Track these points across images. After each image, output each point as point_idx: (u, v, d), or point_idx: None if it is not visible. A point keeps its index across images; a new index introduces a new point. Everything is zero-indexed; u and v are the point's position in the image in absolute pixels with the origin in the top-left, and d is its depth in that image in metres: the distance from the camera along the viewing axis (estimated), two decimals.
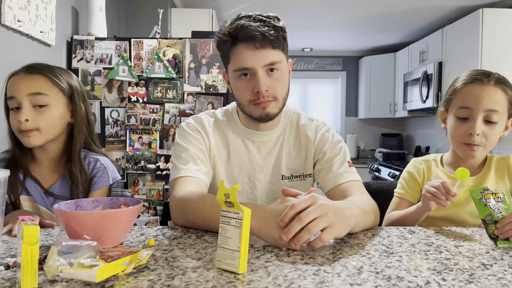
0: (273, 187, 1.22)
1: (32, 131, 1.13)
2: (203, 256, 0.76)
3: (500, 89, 1.12)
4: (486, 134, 1.13)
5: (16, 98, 1.12)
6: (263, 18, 1.07)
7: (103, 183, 1.24)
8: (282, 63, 1.10)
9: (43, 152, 1.22)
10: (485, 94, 1.12)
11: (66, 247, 0.68)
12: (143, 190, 2.36)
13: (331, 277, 0.66)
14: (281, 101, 1.13)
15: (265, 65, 1.07)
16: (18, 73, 1.17)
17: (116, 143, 2.37)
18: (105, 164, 1.26)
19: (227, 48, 1.10)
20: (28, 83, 1.13)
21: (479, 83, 1.14)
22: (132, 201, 0.93)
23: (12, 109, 1.14)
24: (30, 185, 1.20)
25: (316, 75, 5.60)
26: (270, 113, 1.12)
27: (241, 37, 1.05)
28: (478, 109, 1.12)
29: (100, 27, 2.46)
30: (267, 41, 1.05)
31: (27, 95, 1.12)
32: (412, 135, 5.24)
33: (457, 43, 3.56)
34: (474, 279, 0.65)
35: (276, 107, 1.13)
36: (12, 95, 1.13)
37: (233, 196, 0.69)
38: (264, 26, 1.05)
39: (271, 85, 1.09)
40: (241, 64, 1.07)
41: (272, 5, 3.57)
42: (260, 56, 1.06)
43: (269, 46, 1.06)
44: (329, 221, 0.78)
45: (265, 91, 1.08)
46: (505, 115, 1.14)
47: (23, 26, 1.81)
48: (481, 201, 0.90)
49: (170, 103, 2.37)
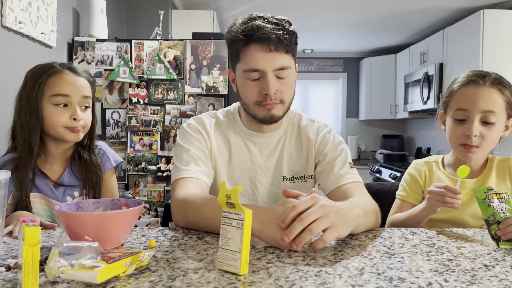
0: (274, 188, 1.21)
1: (80, 128, 1.22)
2: (204, 257, 0.76)
3: (496, 89, 1.12)
4: (483, 135, 1.12)
5: (70, 97, 1.20)
6: (276, 21, 1.07)
7: (106, 166, 1.31)
8: (291, 68, 1.10)
9: (58, 148, 1.26)
10: (481, 96, 1.12)
11: (67, 248, 0.68)
12: (144, 192, 2.36)
13: (332, 278, 0.65)
14: (286, 104, 1.14)
15: (276, 68, 1.07)
16: (62, 71, 1.20)
17: (117, 144, 2.37)
18: (104, 148, 1.34)
19: (239, 47, 1.09)
20: (80, 87, 1.22)
21: (475, 85, 1.13)
22: (133, 203, 0.93)
23: (58, 104, 1.19)
24: (39, 181, 1.21)
25: (317, 77, 5.60)
26: (275, 115, 1.12)
27: (256, 38, 1.05)
28: (474, 110, 1.12)
29: (101, 28, 2.47)
30: (281, 45, 1.05)
31: (82, 97, 1.22)
32: (413, 136, 5.24)
33: (458, 44, 3.56)
34: (476, 280, 0.65)
35: (281, 110, 1.13)
36: (66, 93, 1.19)
37: (234, 197, 0.69)
38: (279, 29, 1.05)
39: (279, 88, 1.09)
40: (252, 65, 1.07)
41: (273, 6, 3.58)
42: (272, 59, 1.05)
43: (283, 50, 1.06)
44: (330, 222, 0.78)
45: (274, 94, 1.08)
46: (503, 116, 1.14)
47: (24, 28, 1.81)
48: (484, 201, 0.90)
49: (171, 105, 2.37)
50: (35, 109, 1.18)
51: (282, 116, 1.15)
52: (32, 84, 1.19)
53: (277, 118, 1.14)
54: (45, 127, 1.20)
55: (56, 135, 1.21)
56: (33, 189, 1.20)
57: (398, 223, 1.20)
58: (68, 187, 1.24)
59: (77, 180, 1.26)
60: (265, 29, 1.03)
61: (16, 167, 1.18)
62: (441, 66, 3.77)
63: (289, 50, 1.07)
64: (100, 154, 1.32)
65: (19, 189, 1.17)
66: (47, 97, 1.18)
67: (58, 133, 1.21)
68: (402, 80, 4.62)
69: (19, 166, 1.18)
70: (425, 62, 4.13)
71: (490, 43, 3.22)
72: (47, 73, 1.19)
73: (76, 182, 1.26)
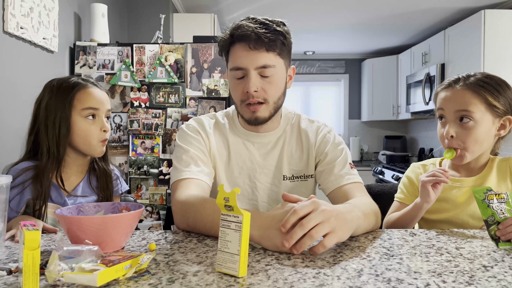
0: (274, 188, 1.22)
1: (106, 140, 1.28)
2: (204, 260, 0.76)
3: (470, 90, 1.14)
4: (462, 136, 1.14)
5: (98, 110, 1.25)
6: (266, 21, 1.08)
7: (116, 191, 1.35)
8: (276, 67, 1.10)
9: (77, 159, 1.28)
10: (452, 97, 1.16)
11: (67, 252, 0.68)
12: (146, 195, 2.37)
13: (331, 280, 0.66)
14: (271, 104, 1.13)
15: (257, 66, 1.08)
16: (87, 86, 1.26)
17: (119, 148, 2.38)
18: (118, 174, 1.39)
19: (227, 46, 1.12)
20: (105, 100, 1.28)
21: (449, 88, 1.18)
22: (133, 206, 0.94)
23: (88, 117, 1.24)
24: (52, 191, 1.22)
25: (319, 78, 5.60)
26: (259, 117, 1.13)
27: (237, 36, 1.07)
28: (449, 111, 1.16)
29: (103, 33, 2.48)
30: (260, 43, 1.05)
31: (107, 110, 1.28)
32: (415, 137, 5.23)
33: (459, 44, 3.56)
34: (474, 281, 0.65)
35: (266, 111, 1.13)
36: (95, 107, 1.25)
37: (232, 200, 0.69)
38: (263, 28, 1.05)
39: (263, 87, 1.09)
40: (235, 64, 1.09)
41: (274, 9, 3.59)
42: (254, 57, 1.07)
43: (263, 48, 1.06)
44: (331, 227, 0.79)
45: (255, 91, 1.08)
46: (486, 115, 1.13)
47: (26, 33, 1.83)
48: (484, 202, 0.90)
49: (172, 108, 2.38)
50: (67, 121, 1.21)
51: (268, 117, 1.14)
52: (61, 97, 1.22)
53: (262, 120, 1.14)
54: (74, 139, 1.23)
55: (87, 147, 1.25)
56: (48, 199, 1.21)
57: (394, 221, 1.20)
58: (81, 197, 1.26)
59: (92, 191, 1.29)
60: (245, 27, 1.05)
61: (37, 176, 1.18)
62: (443, 66, 3.77)
63: (272, 49, 1.07)
64: (114, 177, 1.36)
65: (36, 197, 1.17)
66: (77, 110, 1.22)
67: (91, 146, 1.25)
68: (404, 81, 4.62)
69: (40, 175, 1.18)
70: (426, 63, 4.13)
71: (491, 43, 3.22)
72: (76, 87, 1.24)
73: (90, 193, 1.29)
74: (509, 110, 1.15)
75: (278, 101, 1.15)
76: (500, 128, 1.17)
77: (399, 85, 4.87)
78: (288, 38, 1.11)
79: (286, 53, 1.13)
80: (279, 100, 1.15)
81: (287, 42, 1.11)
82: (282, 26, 1.10)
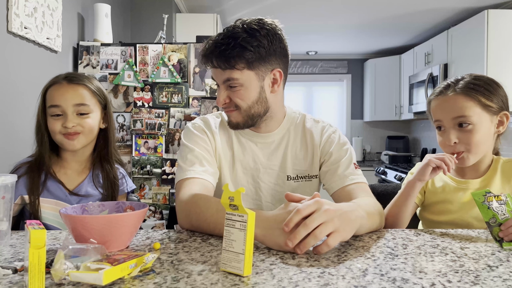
0: (278, 187, 1.22)
1: (77, 135, 1.23)
2: (208, 259, 0.76)
3: (462, 95, 1.15)
4: (464, 140, 1.15)
5: (61, 107, 1.22)
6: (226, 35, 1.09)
7: (121, 190, 1.35)
8: (239, 79, 1.09)
9: (73, 155, 1.29)
10: (446, 105, 1.17)
11: (72, 251, 0.69)
12: (149, 195, 2.37)
13: (335, 279, 0.66)
14: (243, 111, 1.13)
15: (223, 80, 1.12)
16: (58, 82, 1.25)
17: (122, 148, 2.38)
18: (124, 173, 1.39)
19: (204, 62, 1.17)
20: (73, 94, 1.23)
21: (441, 96, 1.19)
22: (138, 205, 0.94)
23: (53, 115, 1.23)
24: (53, 187, 1.25)
25: (321, 78, 5.60)
26: (232, 122, 1.17)
27: (203, 56, 1.14)
28: (446, 119, 1.17)
29: (106, 33, 2.49)
30: (221, 62, 1.09)
31: (73, 105, 1.23)
32: (418, 137, 5.22)
33: (463, 44, 3.55)
34: (479, 281, 0.65)
35: (239, 116, 1.15)
36: (57, 104, 1.22)
37: (237, 199, 0.69)
38: (223, 46, 1.07)
39: (231, 96, 1.13)
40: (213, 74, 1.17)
41: (276, 9, 3.58)
42: (218, 73, 1.13)
43: (224, 66, 1.09)
44: (334, 226, 0.79)
45: (223, 104, 1.14)
46: (483, 116, 1.14)
47: (30, 33, 1.83)
48: (484, 204, 0.90)
49: (176, 108, 2.38)
50: (39, 120, 1.25)
51: (242, 121, 1.15)
52: (41, 96, 1.26)
53: (235, 124, 1.17)
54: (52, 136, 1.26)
55: (58, 143, 1.26)
56: (46, 194, 1.24)
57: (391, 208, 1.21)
58: (83, 197, 1.27)
59: (97, 189, 1.30)
60: (207, 48, 1.11)
61: (28, 171, 1.24)
62: (446, 66, 3.76)
63: (231, 66, 1.08)
64: (120, 176, 1.36)
65: (29, 192, 1.22)
66: (46, 109, 1.25)
67: (58, 141, 1.25)
68: (407, 81, 4.61)
69: (30, 170, 1.24)
70: (429, 63, 4.12)
71: (495, 43, 3.21)
72: (47, 85, 1.26)
73: (95, 192, 1.29)
74: (504, 107, 1.17)
75: (251, 109, 1.13)
76: (498, 124, 1.18)
77: (401, 85, 4.86)
78: (265, 46, 1.08)
79: (261, 62, 1.10)
80: (253, 108, 1.13)
81: (260, 52, 1.08)
82: (258, 34, 1.08)
